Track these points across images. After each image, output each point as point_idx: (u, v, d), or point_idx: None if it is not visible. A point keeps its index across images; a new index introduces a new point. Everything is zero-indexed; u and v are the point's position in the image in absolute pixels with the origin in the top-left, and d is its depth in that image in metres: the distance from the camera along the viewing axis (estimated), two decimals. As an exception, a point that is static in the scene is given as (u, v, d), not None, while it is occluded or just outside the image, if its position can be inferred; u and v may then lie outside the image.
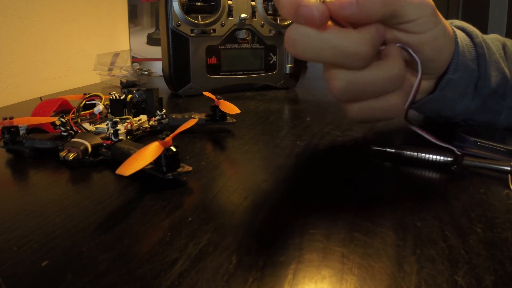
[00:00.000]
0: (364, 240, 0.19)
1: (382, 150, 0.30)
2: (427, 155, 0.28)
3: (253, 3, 0.61)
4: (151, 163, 0.24)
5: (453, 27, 0.32)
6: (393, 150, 0.29)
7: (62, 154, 0.29)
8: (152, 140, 0.25)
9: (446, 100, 0.33)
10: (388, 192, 0.25)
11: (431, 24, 0.27)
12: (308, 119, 0.43)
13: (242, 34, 0.61)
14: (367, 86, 0.24)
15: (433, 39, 0.27)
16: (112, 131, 0.30)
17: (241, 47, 0.62)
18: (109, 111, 0.38)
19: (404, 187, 0.25)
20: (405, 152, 0.29)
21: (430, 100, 0.33)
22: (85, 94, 0.39)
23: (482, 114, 0.35)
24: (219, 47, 0.60)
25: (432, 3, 0.26)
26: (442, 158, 0.28)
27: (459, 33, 0.32)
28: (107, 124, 0.31)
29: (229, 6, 0.59)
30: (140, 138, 0.36)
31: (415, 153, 0.28)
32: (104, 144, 0.30)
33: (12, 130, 0.32)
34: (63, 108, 0.39)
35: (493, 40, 0.35)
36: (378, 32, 0.24)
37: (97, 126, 0.35)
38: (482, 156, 0.29)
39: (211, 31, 0.59)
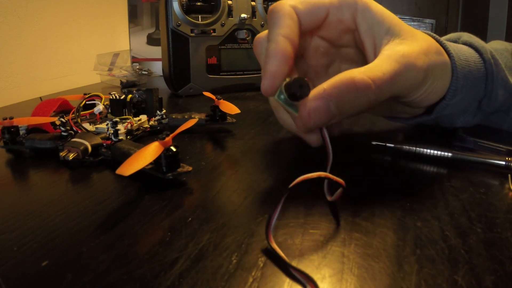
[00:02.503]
0: (364, 240, 0.19)
1: (382, 145, 0.30)
2: (426, 150, 0.28)
3: (253, 3, 0.61)
4: (151, 163, 0.24)
5: (460, 43, 0.31)
6: (392, 145, 0.29)
7: (62, 154, 0.29)
8: (152, 140, 0.25)
9: (445, 117, 0.32)
10: (388, 192, 0.25)
11: (422, 88, 0.26)
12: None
13: (242, 34, 0.61)
14: None
15: (425, 95, 0.27)
16: (112, 131, 0.30)
17: (241, 47, 0.62)
18: (109, 111, 0.38)
19: (404, 186, 0.25)
20: (404, 147, 0.29)
21: (426, 121, 0.32)
22: (85, 94, 0.39)
23: (485, 124, 0.34)
24: (219, 47, 0.60)
25: (422, 62, 0.25)
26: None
27: (466, 50, 0.30)
28: (107, 124, 0.31)
29: (229, 6, 0.59)
30: (140, 138, 0.36)
31: (414, 148, 0.29)
32: (104, 144, 0.30)
33: (12, 130, 0.32)
34: (63, 108, 0.39)
35: (503, 51, 0.33)
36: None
37: (97, 126, 0.35)
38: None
39: (211, 31, 0.59)
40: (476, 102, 0.31)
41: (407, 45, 0.25)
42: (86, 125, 0.34)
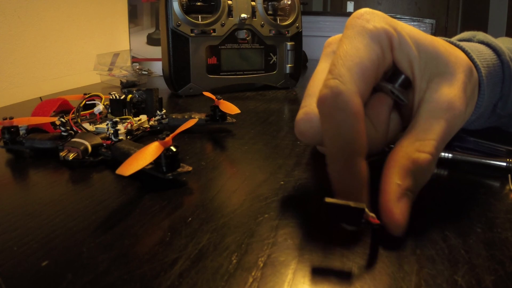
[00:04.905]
0: (364, 240, 0.19)
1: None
2: None
3: (253, 3, 0.61)
4: (151, 163, 0.24)
5: (476, 42, 0.29)
6: (392, 146, 0.29)
7: (62, 154, 0.29)
8: (152, 140, 0.25)
9: None
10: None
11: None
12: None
13: (242, 34, 0.61)
14: None
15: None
16: (112, 131, 0.30)
17: (241, 47, 0.62)
18: (109, 111, 0.38)
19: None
20: None
21: None
22: (85, 94, 0.39)
23: (494, 126, 0.33)
24: (219, 47, 0.60)
25: (465, 105, 0.23)
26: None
27: (486, 52, 0.28)
28: (107, 124, 0.31)
29: (229, 6, 0.59)
30: (140, 138, 0.36)
31: None
32: (104, 144, 0.30)
33: (12, 130, 0.32)
34: (63, 108, 0.39)
35: None
36: None
37: (97, 126, 0.35)
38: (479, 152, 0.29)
39: (211, 31, 0.59)
40: (491, 106, 0.30)
41: (448, 87, 0.22)
42: (86, 125, 0.34)
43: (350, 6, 2.71)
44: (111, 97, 0.37)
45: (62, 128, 0.31)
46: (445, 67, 0.23)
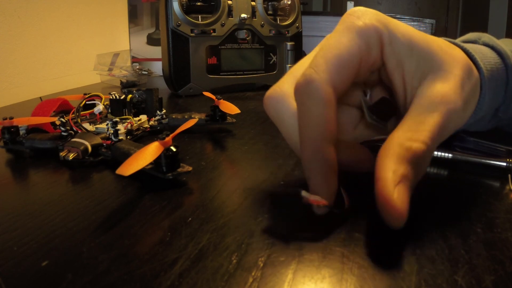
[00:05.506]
0: (364, 240, 0.19)
1: (381, 144, 0.30)
2: None
3: (253, 3, 0.61)
4: (151, 163, 0.24)
5: (481, 45, 0.29)
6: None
7: (62, 154, 0.29)
8: (152, 140, 0.25)
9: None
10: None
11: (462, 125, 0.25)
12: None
13: (242, 34, 0.61)
14: None
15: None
16: (112, 131, 0.30)
17: (241, 47, 0.62)
18: (109, 111, 0.38)
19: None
20: None
21: None
22: (85, 94, 0.39)
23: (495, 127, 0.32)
24: (219, 47, 0.60)
25: (462, 100, 0.22)
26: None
27: (490, 55, 0.27)
28: (107, 124, 0.31)
29: (229, 6, 0.59)
30: (140, 138, 0.36)
31: None
32: (104, 144, 0.30)
33: (12, 130, 0.32)
34: (63, 108, 0.39)
35: None
36: None
37: (97, 126, 0.35)
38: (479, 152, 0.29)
39: (211, 31, 0.59)
40: (493, 110, 0.29)
41: (442, 82, 0.22)
42: (86, 125, 0.34)
43: (350, 6, 2.71)
44: (111, 97, 0.37)
45: (62, 128, 0.31)
46: (440, 65, 0.22)
